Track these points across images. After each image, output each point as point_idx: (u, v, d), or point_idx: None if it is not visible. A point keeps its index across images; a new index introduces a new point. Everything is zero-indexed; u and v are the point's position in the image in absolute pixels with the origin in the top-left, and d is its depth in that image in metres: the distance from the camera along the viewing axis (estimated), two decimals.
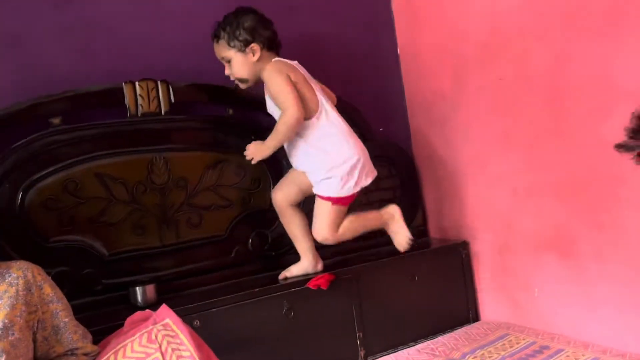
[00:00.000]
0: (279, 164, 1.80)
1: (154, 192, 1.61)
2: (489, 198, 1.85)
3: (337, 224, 1.63)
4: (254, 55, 1.55)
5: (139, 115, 1.60)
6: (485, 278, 1.92)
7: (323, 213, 1.61)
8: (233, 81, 1.62)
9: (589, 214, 1.53)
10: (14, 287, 1.07)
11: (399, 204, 2.00)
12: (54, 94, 1.50)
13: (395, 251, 1.77)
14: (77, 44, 1.59)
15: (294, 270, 1.67)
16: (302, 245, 1.68)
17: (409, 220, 2.03)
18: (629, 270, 1.45)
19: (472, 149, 1.89)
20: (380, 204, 1.81)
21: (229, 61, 1.58)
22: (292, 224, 1.68)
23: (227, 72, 1.60)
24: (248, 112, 1.81)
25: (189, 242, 1.67)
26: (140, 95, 1.59)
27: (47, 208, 1.48)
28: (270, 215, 1.79)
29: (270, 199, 1.75)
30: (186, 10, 1.76)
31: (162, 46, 1.71)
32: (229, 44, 1.56)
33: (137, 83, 1.58)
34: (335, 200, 1.60)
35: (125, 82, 1.57)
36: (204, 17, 1.75)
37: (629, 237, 1.44)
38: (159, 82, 1.62)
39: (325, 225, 1.61)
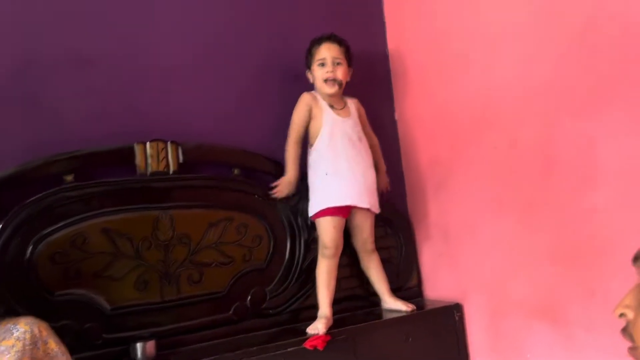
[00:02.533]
0: (281, 224, 1.87)
1: (158, 248, 1.66)
2: (483, 262, 1.91)
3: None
4: (350, 73, 1.89)
5: (148, 173, 1.67)
6: (478, 341, 1.94)
7: None
8: (330, 80, 1.82)
9: (580, 281, 1.58)
10: (21, 342, 1.11)
11: (395, 264, 2.09)
12: (66, 153, 1.57)
13: (388, 310, 1.82)
14: (93, 105, 1.68)
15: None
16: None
17: (404, 281, 2.10)
18: (619, 340, 1.49)
19: (467, 214, 1.96)
20: None
21: (338, 63, 1.83)
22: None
23: (330, 69, 1.82)
24: (252, 172, 1.88)
25: (188, 298, 1.70)
26: (150, 155, 1.66)
27: (54, 262, 1.52)
28: (269, 273, 1.84)
29: (270, 256, 1.82)
30: (197, 73, 1.86)
31: (173, 108, 1.80)
32: (346, 53, 1.86)
33: (147, 143, 1.66)
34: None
35: (137, 143, 1.65)
36: (212, 80, 1.88)
37: None
38: (169, 142, 1.70)
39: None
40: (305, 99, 1.85)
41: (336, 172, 1.79)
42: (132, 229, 1.63)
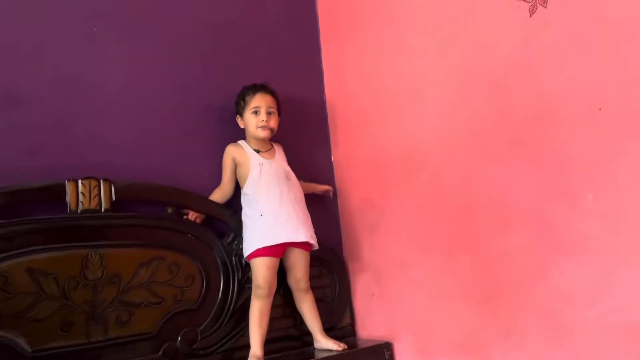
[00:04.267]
0: (215, 264, 1.88)
1: (85, 288, 1.63)
2: (411, 301, 1.98)
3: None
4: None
5: (79, 211, 1.65)
6: None
7: None
8: (263, 127, 1.92)
9: (498, 320, 1.67)
10: None
11: (329, 303, 2.12)
12: None
13: (320, 350, 1.85)
14: (24, 141, 1.66)
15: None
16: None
17: (338, 320, 2.14)
18: None
19: (397, 254, 2.03)
20: None
21: (271, 113, 1.94)
22: None
23: (264, 118, 1.92)
24: (185, 212, 1.89)
25: (116, 340, 1.67)
26: (82, 192, 1.65)
27: None
28: (201, 313, 1.83)
29: (202, 297, 1.82)
30: (132, 111, 1.88)
31: (107, 145, 1.80)
32: (277, 102, 1.98)
33: (79, 181, 1.66)
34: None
35: (69, 180, 1.64)
36: (149, 119, 1.90)
37: (532, 345, 1.58)
38: (101, 180, 1.69)
39: None
40: (228, 150, 1.96)
41: (269, 212, 1.84)
42: (59, 268, 1.59)
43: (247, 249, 1.85)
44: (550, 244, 1.52)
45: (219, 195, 1.94)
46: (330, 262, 2.16)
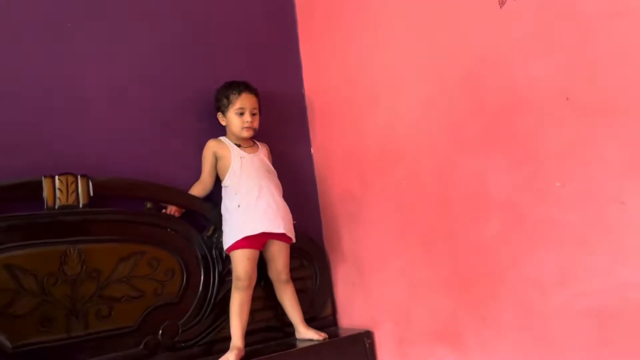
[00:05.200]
0: (195, 257, 1.89)
1: (65, 283, 1.64)
2: (391, 291, 2.01)
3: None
4: None
5: (56, 207, 1.65)
6: None
7: None
8: (247, 127, 1.95)
9: (473, 308, 1.71)
10: None
11: (311, 294, 2.15)
12: None
13: (301, 341, 1.88)
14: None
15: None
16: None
17: (319, 310, 2.17)
18: None
19: (376, 245, 2.06)
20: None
21: (254, 114, 1.97)
22: None
23: (249, 119, 1.95)
24: (165, 206, 1.90)
25: (97, 334, 1.68)
26: (59, 188, 1.66)
27: None
28: (182, 306, 1.85)
29: (182, 290, 1.84)
30: (109, 107, 1.88)
31: (85, 142, 1.80)
32: (259, 102, 2.00)
33: (56, 177, 1.66)
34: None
35: (45, 176, 1.64)
36: (126, 114, 1.90)
37: (505, 330, 1.62)
38: (79, 176, 1.70)
39: None
40: (209, 145, 1.97)
41: (248, 203, 1.86)
42: (38, 264, 1.60)
43: (227, 241, 1.87)
44: (522, 233, 1.55)
45: (199, 189, 1.95)
46: (311, 253, 2.18)
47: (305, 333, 1.96)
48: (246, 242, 1.84)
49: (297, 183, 2.27)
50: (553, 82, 1.46)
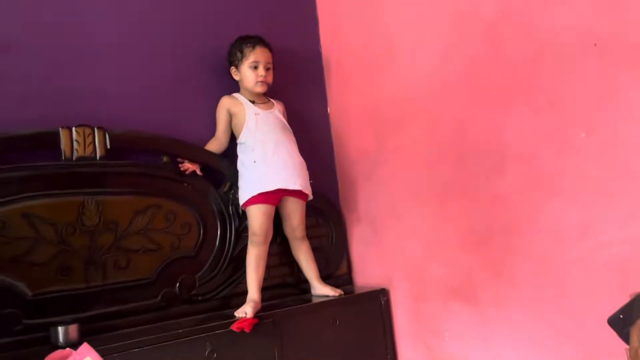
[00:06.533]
0: (211, 212, 1.90)
1: (83, 234, 1.65)
2: (406, 249, 2.00)
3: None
4: None
5: (74, 159, 1.66)
6: (402, 324, 2.03)
7: None
8: (262, 82, 1.92)
9: (488, 263, 1.70)
10: None
11: (326, 252, 2.15)
12: None
13: (317, 297, 1.89)
14: (16, 90, 1.65)
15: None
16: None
17: (334, 268, 2.17)
18: (522, 314, 1.61)
19: (392, 203, 2.05)
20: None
21: (269, 68, 1.94)
22: None
23: (263, 73, 1.91)
24: (181, 161, 1.89)
25: (115, 284, 1.70)
26: (76, 140, 1.66)
27: None
28: (199, 260, 1.86)
29: (199, 244, 1.85)
30: (126, 61, 1.86)
31: (101, 95, 1.79)
32: (273, 56, 1.96)
33: (73, 129, 1.66)
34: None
35: (63, 128, 1.64)
36: (143, 69, 1.89)
37: (521, 284, 1.60)
38: (95, 128, 1.70)
39: None
40: (222, 102, 1.94)
41: (264, 159, 1.85)
42: (56, 214, 1.61)
43: (243, 196, 1.87)
44: (541, 185, 1.53)
45: (215, 146, 1.94)
46: (326, 211, 2.18)
47: (321, 289, 1.97)
48: (262, 198, 1.84)
49: (314, 142, 2.25)
50: (579, 29, 1.41)
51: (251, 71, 1.92)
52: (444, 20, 1.79)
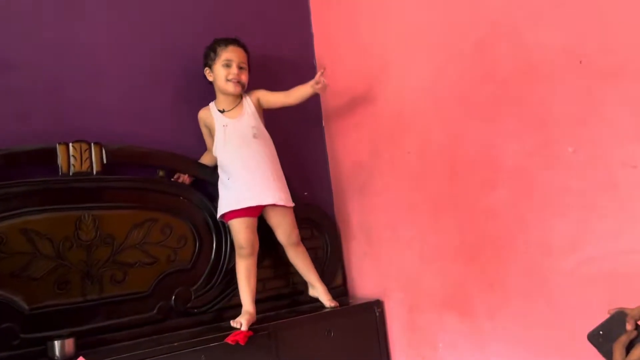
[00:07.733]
0: (206, 225, 1.92)
1: (80, 248, 1.68)
2: (401, 260, 2.02)
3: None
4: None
5: (71, 174, 1.68)
6: (397, 335, 2.05)
7: None
8: (234, 81, 1.87)
9: (481, 275, 1.72)
10: None
11: (321, 264, 2.17)
12: None
13: (312, 308, 1.90)
14: (13, 106, 1.68)
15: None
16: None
17: (330, 280, 2.19)
18: (515, 325, 1.63)
19: (386, 215, 2.07)
20: None
21: (242, 68, 1.89)
22: None
23: (235, 71, 1.87)
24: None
25: (111, 298, 1.72)
26: (73, 155, 1.68)
27: None
28: (194, 273, 1.88)
29: (195, 257, 1.87)
30: (122, 76, 1.89)
31: (97, 110, 1.82)
32: (249, 58, 1.93)
33: (70, 144, 1.68)
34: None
35: (60, 143, 1.67)
36: (138, 83, 1.92)
37: (513, 295, 1.62)
38: (92, 143, 1.72)
39: None
40: (199, 116, 1.95)
41: (236, 175, 1.84)
42: (53, 229, 1.64)
43: (219, 211, 1.87)
44: (531, 199, 1.55)
45: (208, 159, 1.96)
46: (322, 223, 2.20)
47: (322, 292, 1.97)
48: (239, 212, 1.83)
49: (309, 154, 2.28)
50: (565, 46, 1.44)
51: (223, 69, 1.87)
52: (437, 36, 1.82)
